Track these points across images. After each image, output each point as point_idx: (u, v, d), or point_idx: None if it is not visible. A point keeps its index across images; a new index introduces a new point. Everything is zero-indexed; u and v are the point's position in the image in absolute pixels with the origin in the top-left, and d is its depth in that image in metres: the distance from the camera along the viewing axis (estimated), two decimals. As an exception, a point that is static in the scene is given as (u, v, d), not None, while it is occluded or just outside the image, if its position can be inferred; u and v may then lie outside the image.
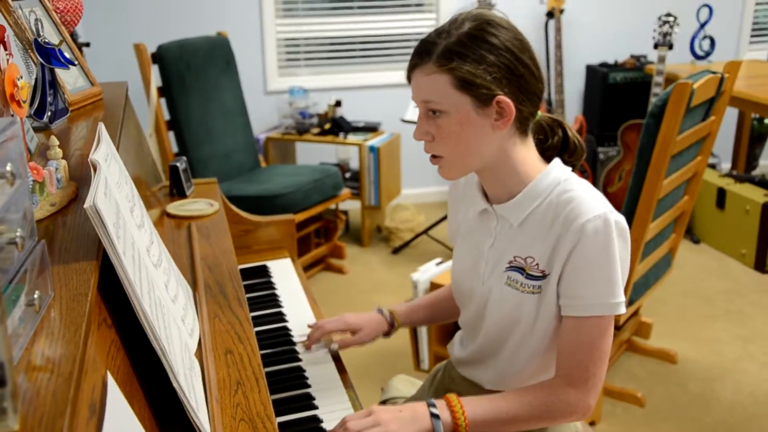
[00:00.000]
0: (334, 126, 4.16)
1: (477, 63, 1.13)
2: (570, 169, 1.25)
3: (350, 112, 4.47)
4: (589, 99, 4.86)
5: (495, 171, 1.23)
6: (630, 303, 2.38)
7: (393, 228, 4.22)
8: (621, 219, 1.16)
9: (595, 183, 4.43)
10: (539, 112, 1.23)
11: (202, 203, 1.86)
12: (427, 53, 1.16)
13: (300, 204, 3.47)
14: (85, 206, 0.89)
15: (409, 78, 1.19)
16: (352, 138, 4.11)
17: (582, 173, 4.29)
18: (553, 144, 1.27)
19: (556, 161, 1.24)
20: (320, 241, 3.86)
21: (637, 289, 2.41)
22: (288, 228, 2.03)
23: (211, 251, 1.55)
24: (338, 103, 4.25)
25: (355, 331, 1.49)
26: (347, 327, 1.49)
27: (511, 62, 1.14)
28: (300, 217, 3.43)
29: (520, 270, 1.23)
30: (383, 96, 4.64)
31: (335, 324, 1.49)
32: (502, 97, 1.15)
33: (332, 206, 3.82)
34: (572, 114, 4.83)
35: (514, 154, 1.21)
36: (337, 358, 1.47)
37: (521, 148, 1.22)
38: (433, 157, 1.21)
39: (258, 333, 1.55)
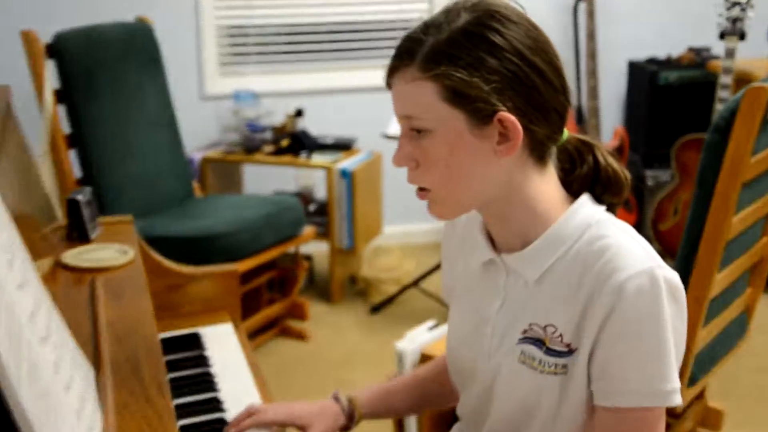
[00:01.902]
0: (295, 143, 4.21)
1: (473, 68, 1.16)
2: (605, 207, 1.28)
3: (316, 125, 4.51)
4: (632, 106, 4.94)
5: (503, 210, 1.26)
6: (691, 383, 2.40)
7: (372, 278, 4.26)
8: (673, 275, 1.18)
9: (641, 218, 4.50)
10: (565, 132, 1.26)
11: (111, 250, 1.86)
12: (409, 54, 1.19)
13: (247, 247, 3.50)
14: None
15: (388, 84, 1.23)
16: (317, 159, 4.15)
17: (624, 205, 4.36)
18: (581, 174, 1.30)
19: (586, 197, 1.27)
20: (274, 297, 3.90)
21: (700, 364, 2.42)
22: (229, 281, 2.06)
23: (122, 316, 1.55)
24: (299, 113, 4.31)
25: (302, 428, 1.47)
26: (291, 421, 1.47)
27: (519, 68, 1.17)
28: (247, 265, 3.45)
29: (538, 343, 1.25)
30: (360, 103, 4.70)
31: (278, 414, 1.47)
32: (505, 114, 1.17)
33: (291, 250, 3.83)
34: (610, 126, 4.89)
35: (529, 188, 1.24)
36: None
37: (538, 180, 1.24)
38: (420, 189, 1.24)
39: (184, 429, 1.53)
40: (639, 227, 4.38)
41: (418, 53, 1.18)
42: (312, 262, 4.36)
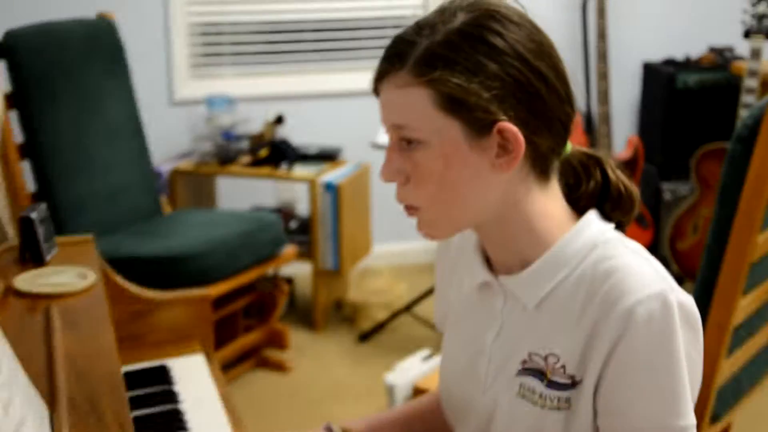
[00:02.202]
0: (274, 153, 4.23)
1: (471, 73, 1.18)
2: (613, 225, 1.29)
3: (298, 133, 4.51)
4: (647, 112, 4.96)
5: (501, 228, 1.27)
6: (714, 420, 2.39)
7: (360, 303, 4.27)
8: (687, 300, 1.19)
9: (657, 236, 4.51)
10: (568, 145, 1.28)
11: (69, 274, 1.85)
12: (400, 57, 1.21)
13: (221, 269, 3.51)
14: None
15: (376, 90, 1.25)
16: (300, 171, 4.17)
17: (638, 222, 4.35)
18: (587, 191, 1.31)
19: (592, 215, 1.29)
20: (251, 324, 3.90)
21: (723, 400, 2.42)
22: (201, 307, 2.07)
23: (81, 348, 1.54)
24: (280, 120, 4.33)
25: None
26: None
27: (521, 73, 1.19)
28: (220, 289, 3.46)
29: (539, 374, 1.26)
30: (346, 109, 4.72)
31: None
32: (506, 124, 1.19)
33: (270, 272, 3.85)
34: (623, 134, 4.89)
35: (530, 205, 1.25)
36: None
37: (540, 196, 1.26)
38: (409, 207, 1.26)
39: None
40: (655, 246, 4.43)
41: (410, 56, 1.20)
42: (293, 285, 4.36)
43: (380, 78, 1.23)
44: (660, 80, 4.77)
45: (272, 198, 4.57)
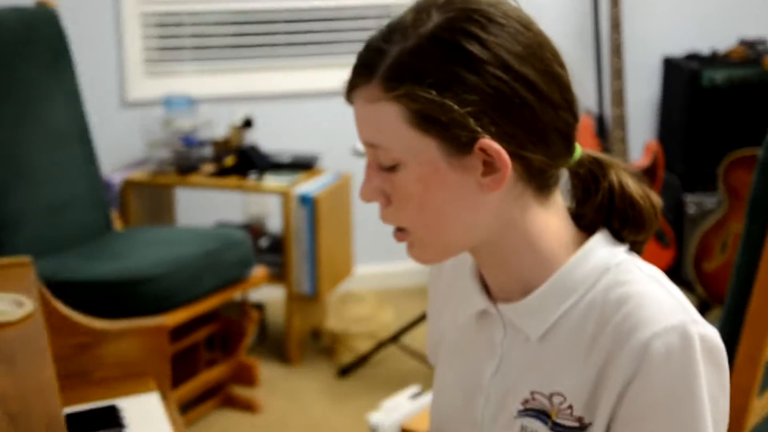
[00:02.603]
0: (242, 161, 4.23)
1: (443, 87, 1.19)
2: (626, 247, 1.30)
3: (269, 138, 4.52)
4: (668, 114, 4.97)
5: (498, 252, 1.29)
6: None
7: (340, 333, 4.26)
8: (711, 332, 1.20)
9: (680, 255, 4.52)
10: (578, 149, 1.29)
11: (3, 301, 1.85)
12: (368, 68, 1.22)
13: (180, 295, 3.51)
14: None
15: (349, 99, 1.27)
16: (271, 181, 4.18)
17: (658, 239, 4.38)
18: (594, 204, 1.32)
19: (602, 234, 1.30)
20: (215, 358, 3.90)
21: (756, 442, 2.35)
22: (156, 339, 2.08)
23: (15, 387, 1.53)
24: (248, 123, 4.34)
25: None
26: None
27: (504, 83, 1.20)
28: (179, 317, 3.45)
29: (543, 416, 1.26)
30: (324, 111, 4.72)
31: None
32: (487, 141, 1.20)
33: (236, 297, 3.85)
34: (640, 139, 4.90)
35: (529, 225, 1.27)
36: None
37: (540, 213, 1.28)
38: (397, 230, 1.28)
39: None
40: (677, 267, 4.45)
41: (378, 67, 1.21)
42: (264, 313, 4.37)
43: (351, 89, 1.25)
44: (683, 77, 4.79)
45: (239, 213, 4.57)
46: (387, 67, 1.20)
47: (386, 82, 1.20)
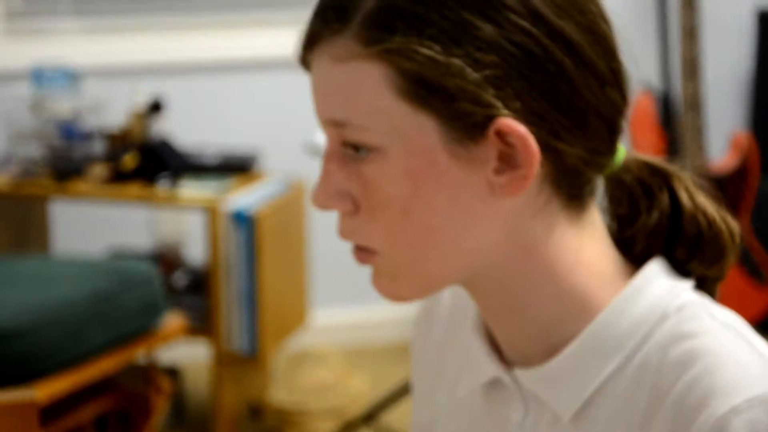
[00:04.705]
0: (148, 162, 3.97)
1: (452, 41, 1.09)
2: (691, 283, 1.21)
3: (186, 128, 4.25)
4: (765, 92, 4.65)
5: (509, 289, 1.20)
6: None
7: (292, 409, 4.03)
8: None
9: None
10: (621, 150, 1.22)
11: None
12: (340, 12, 1.13)
13: (55, 355, 3.25)
14: None
15: (304, 61, 1.19)
16: (190, 191, 3.93)
17: (751, 273, 3.97)
18: (648, 226, 1.22)
19: (657, 265, 1.21)
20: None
21: None
22: (23, 418, 2.16)
23: None
24: (156, 107, 4.08)
25: None
26: None
27: (534, 40, 1.10)
28: (56, 388, 3.19)
29: None
30: (265, 89, 4.48)
31: None
32: (509, 122, 1.11)
33: (140, 359, 3.71)
34: (724, 128, 4.63)
35: (555, 250, 1.18)
36: None
37: (571, 234, 1.19)
38: (359, 249, 1.19)
39: None
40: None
41: (355, 11, 1.12)
42: (179, 381, 4.10)
43: (310, 44, 1.16)
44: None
45: (144, 236, 4.32)
46: (368, 12, 1.11)
47: (367, 32, 1.11)
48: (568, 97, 1.13)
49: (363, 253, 1.19)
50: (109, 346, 3.41)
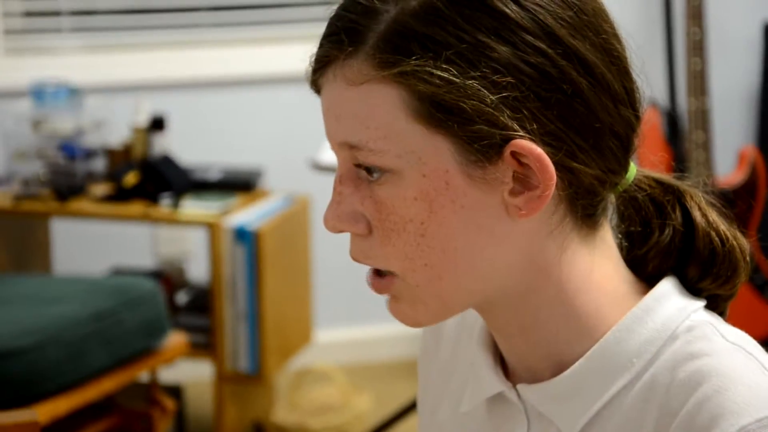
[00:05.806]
0: (149, 179, 3.95)
1: (467, 62, 1.08)
2: (702, 303, 1.20)
3: (188, 145, 4.24)
4: None
5: (521, 308, 1.20)
6: None
7: (295, 428, 4.01)
8: None
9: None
10: (632, 168, 1.21)
11: None
12: (353, 35, 1.12)
13: (57, 375, 3.22)
14: None
15: (315, 85, 1.18)
16: (193, 209, 3.91)
17: (760, 291, 3.94)
18: (661, 244, 1.21)
19: (669, 284, 1.20)
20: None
21: None
22: None
23: None
24: (158, 124, 4.05)
25: None
26: None
27: (549, 60, 1.10)
28: (57, 408, 3.19)
29: None
30: (269, 106, 4.42)
31: None
32: (525, 143, 1.10)
33: (142, 378, 3.69)
34: (732, 143, 4.60)
35: (567, 269, 1.17)
36: None
37: (583, 254, 1.18)
38: (377, 274, 1.19)
39: None
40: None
41: (369, 34, 1.11)
42: (182, 400, 4.06)
43: (321, 66, 1.15)
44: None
45: (146, 255, 4.33)
46: (382, 34, 1.10)
47: (381, 54, 1.10)
48: (583, 117, 1.12)
49: (379, 278, 1.18)
50: (110, 366, 3.41)
